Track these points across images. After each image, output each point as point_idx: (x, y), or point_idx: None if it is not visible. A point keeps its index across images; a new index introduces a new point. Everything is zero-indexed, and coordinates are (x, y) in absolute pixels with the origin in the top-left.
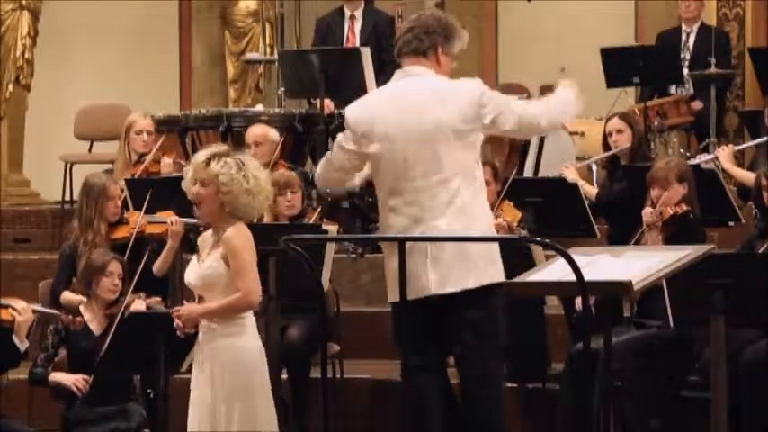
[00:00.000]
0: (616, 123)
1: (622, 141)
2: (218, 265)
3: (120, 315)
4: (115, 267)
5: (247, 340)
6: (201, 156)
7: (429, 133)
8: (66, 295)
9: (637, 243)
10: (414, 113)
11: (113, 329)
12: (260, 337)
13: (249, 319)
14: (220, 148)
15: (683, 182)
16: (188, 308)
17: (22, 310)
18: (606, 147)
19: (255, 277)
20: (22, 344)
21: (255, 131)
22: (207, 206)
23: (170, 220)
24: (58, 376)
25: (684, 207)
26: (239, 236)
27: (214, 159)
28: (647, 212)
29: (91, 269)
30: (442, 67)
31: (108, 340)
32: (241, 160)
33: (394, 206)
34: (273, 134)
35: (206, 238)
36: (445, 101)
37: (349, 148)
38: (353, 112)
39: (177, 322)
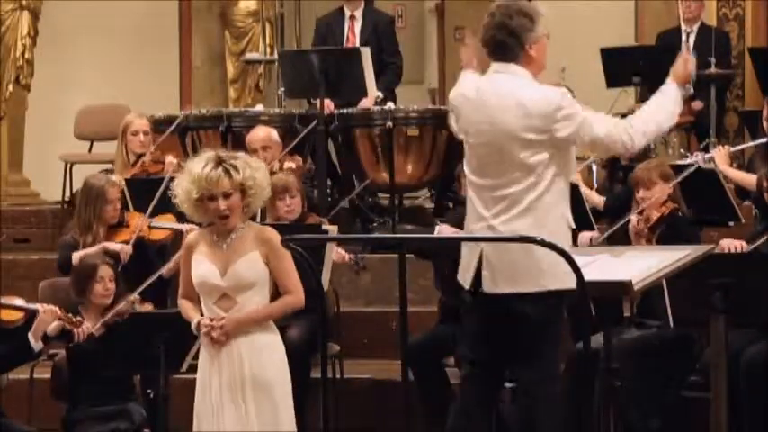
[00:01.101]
0: None
1: None
2: (261, 266)
3: (107, 319)
4: (105, 272)
5: (273, 336)
6: (208, 169)
7: (498, 136)
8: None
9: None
10: (488, 115)
11: (98, 326)
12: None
13: None
14: (210, 154)
15: (667, 181)
16: (230, 319)
17: (46, 309)
18: None
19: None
20: (36, 344)
21: (260, 135)
22: (236, 214)
23: (185, 228)
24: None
25: (671, 206)
26: (278, 236)
27: (230, 169)
28: (634, 221)
29: (81, 276)
30: (535, 60)
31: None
32: (246, 160)
33: (470, 196)
34: (276, 134)
35: (197, 238)
36: (518, 108)
37: (455, 129)
38: (451, 98)
39: (216, 334)
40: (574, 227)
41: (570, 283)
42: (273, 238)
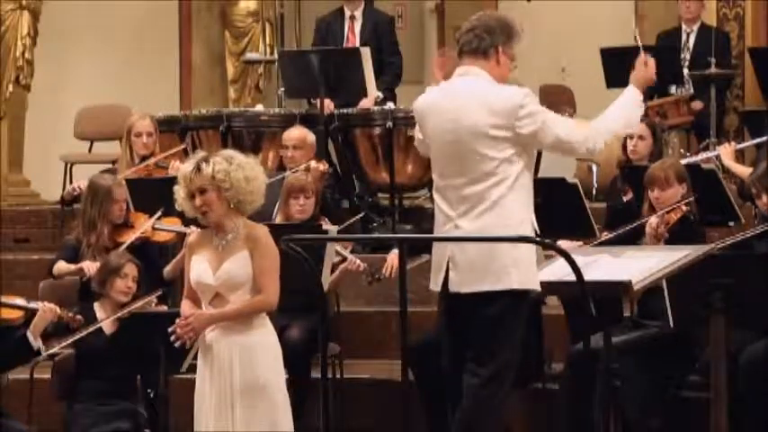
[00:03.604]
0: (640, 129)
1: (642, 148)
2: (248, 265)
3: (121, 314)
4: (130, 270)
5: (266, 336)
6: (187, 168)
7: (463, 134)
8: (60, 265)
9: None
10: (453, 114)
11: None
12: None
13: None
14: (198, 155)
15: (682, 182)
16: (198, 316)
17: (45, 308)
18: (624, 149)
19: (278, 279)
20: (36, 341)
21: (294, 134)
22: (216, 210)
23: (188, 231)
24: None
25: (685, 208)
26: (268, 235)
27: (202, 164)
28: (653, 223)
29: (107, 269)
30: (501, 66)
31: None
32: (226, 154)
33: (437, 200)
34: (312, 137)
35: (198, 238)
36: (484, 106)
37: (418, 136)
38: (415, 104)
39: (182, 331)
40: (538, 231)
41: (533, 283)
42: (260, 235)
